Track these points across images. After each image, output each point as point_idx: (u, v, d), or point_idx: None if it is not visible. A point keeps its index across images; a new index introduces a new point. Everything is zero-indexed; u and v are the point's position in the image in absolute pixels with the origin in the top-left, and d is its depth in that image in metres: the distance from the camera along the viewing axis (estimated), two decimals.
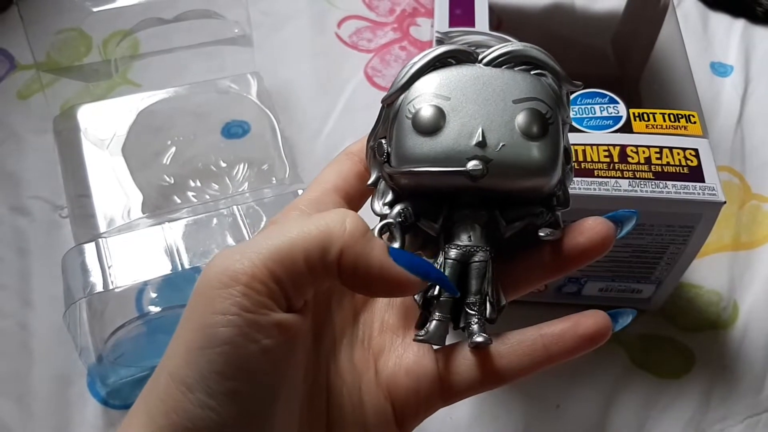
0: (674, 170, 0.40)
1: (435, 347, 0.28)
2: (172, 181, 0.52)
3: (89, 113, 0.54)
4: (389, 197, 0.28)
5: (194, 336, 0.22)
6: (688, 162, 0.40)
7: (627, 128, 0.41)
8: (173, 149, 0.54)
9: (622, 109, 0.42)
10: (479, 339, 0.26)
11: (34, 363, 0.46)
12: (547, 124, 0.26)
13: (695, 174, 0.39)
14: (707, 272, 0.51)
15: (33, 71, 0.61)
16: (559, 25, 0.64)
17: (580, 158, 0.40)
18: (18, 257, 0.50)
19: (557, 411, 0.45)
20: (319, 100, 0.60)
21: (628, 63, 0.58)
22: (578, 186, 0.39)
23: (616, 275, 0.45)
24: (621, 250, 0.43)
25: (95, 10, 0.51)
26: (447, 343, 0.28)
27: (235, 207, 0.43)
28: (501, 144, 0.26)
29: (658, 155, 0.40)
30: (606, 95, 0.43)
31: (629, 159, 0.40)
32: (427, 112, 0.26)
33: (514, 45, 0.27)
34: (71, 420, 0.44)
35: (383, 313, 0.30)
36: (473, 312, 0.27)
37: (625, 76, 0.57)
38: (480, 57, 0.27)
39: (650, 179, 0.39)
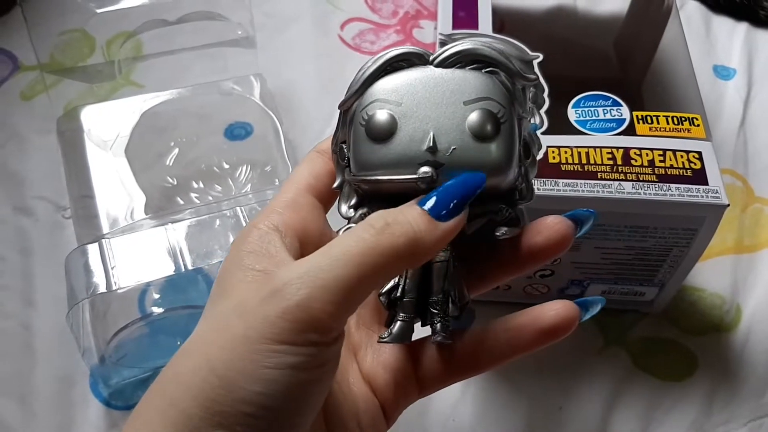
0: (678, 173, 0.40)
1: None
2: (175, 183, 0.52)
3: (93, 114, 0.54)
4: (354, 200, 0.28)
5: (259, 355, 0.22)
6: (692, 165, 0.40)
7: (630, 131, 0.41)
8: (176, 150, 0.54)
9: (625, 111, 0.42)
10: (438, 338, 0.27)
11: (36, 363, 0.46)
12: (499, 123, 0.26)
13: (699, 177, 0.39)
14: (710, 275, 0.51)
15: (36, 72, 0.61)
16: (562, 27, 0.64)
17: (584, 160, 0.40)
18: (21, 257, 0.51)
19: (559, 413, 0.45)
20: (322, 102, 0.60)
21: (630, 66, 0.58)
22: (581, 188, 0.39)
23: (619, 277, 0.45)
24: (624, 253, 0.43)
25: (99, 11, 0.51)
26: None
27: (238, 208, 0.43)
28: (452, 147, 0.26)
29: (661, 158, 0.40)
30: (609, 98, 0.43)
31: (633, 161, 0.40)
32: (379, 119, 0.26)
33: (465, 44, 0.27)
34: (73, 421, 0.44)
35: (360, 309, 0.30)
36: (436, 311, 0.28)
37: (628, 79, 0.57)
38: (431, 58, 0.27)
39: (654, 182, 0.39)
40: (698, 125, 0.42)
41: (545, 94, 0.30)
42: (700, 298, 0.50)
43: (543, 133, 0.31)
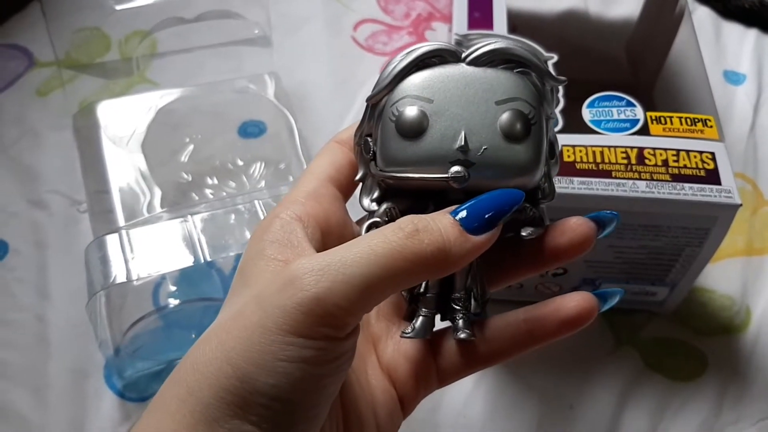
0: (691, 173, 0.40)
1: None
2: (190, 179, 0.53)
3: (109, 110, 0.54)
4: (376, 193, 0.28)
5: (273, 346, 0.22)
6: (705, 165, 0.40)
7: (644, 131, 0.42)
8: (191, 147, 0.54)
9: (639, 112, 0.43)
10: (462, 335, 0.28)
11: (51, 355, 0.46)
12: (530, 124, 0.26)
13: (712, 177, 0.40)
14: (720, 277, 0.51)
15: (52, 69, 0.61)
16: (574, 31, 0.65)
17: (598, 159, 0.40)
18: (36, 251, 0.51)
19: (570, 411, 0.45)
20: (335, 101, 0.61)
21: (642, 69, 0.58)
22: (596, 186, 0.39)
23: (631, 277, 0.45)
24: (637, 252, 0.43)
25: (118, 8, 0.52)
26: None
27: (255, 202, 0.43)
28: (483, 147, 0.26)
29: (675, 158, 0.41)
30: (623, 98, 0.43)
31: (647, 161, 0.40)
32: (410, 116, 0.26)
33: (498, 43, 0.27)
34: (88, 412, 0.44)
35: None
36: (458, 307, 0.28)
37: (639, 83, 0.57)
38: (463, 56, 0.27)
39: (667, 181, 0.39)
40: (711, 126, 0.42)
41: (560, 94, 0.31)
42: (710, 299, 0.50)
43: (558, 132, 0.31)
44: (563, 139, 0.41)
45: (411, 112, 0.26)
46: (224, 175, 0.53)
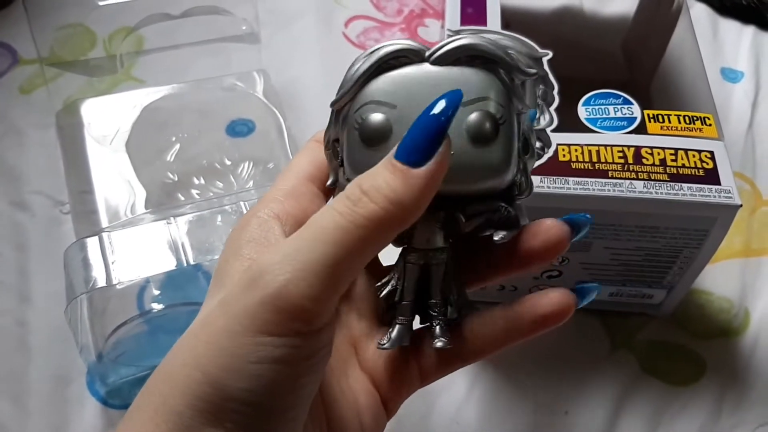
0: (689, 172, 0.39)
1: None
2: (176, 179, 0.51)
3: (93, 108, 0.53)
4: None
5: (243, 349, 0.21)
6: (704, 164, 0.39)
7: (641, 129, 0.41)
8: (177, 146, 0.53)
9: (636, 110, 0.42)
10: (438, 344, 0.27)
11: (32, 361, 0.45)
12: (498, 125, 0.25)
13: (711, 176, 0.39)
14: (718, 279, 0.50)
15: (35, 66, 0.60)
16: (569, 28, 0.64)
17: (594, 159, 0.39)
18: (17, 253, 0.50)
19: (566, 417, 0.44)
20: (325, 100, 0.58)
21: (639, 67, 0.57)
22: (592, 187, 0.38)
23: (628, 279, 0.44)
24: (634, 253, 0.42)
25: (101, 3, 0.51)
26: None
27: (241, 203, 0.42)
28: (450, 153, 0.24)
29: (673, 157, 0.39)
30: (620, 96, 0.42)
31: (644, 160, 0.39)
32: (373, 123, 0.25)
33: (462, 39, 0.25)
34: (70, 419, 0.43)
35: (359, 302, 0.30)
36: (435, 313, 0.27)
37: (636, 81, 0.57)
38: (427, 55, 0.26)
39: (665, 181, 0.38)
40: (710, 125, 0.41)
41: (555, 92, 0.30)
42: (708, 301, 0.49)
43: (553, 131, 0.30)
44: (558, 138, 0.40)
45: (374, 119, 0.25)
46: (211, 175, 0.52)
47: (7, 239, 0.50)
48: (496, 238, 0.27)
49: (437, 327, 0.27)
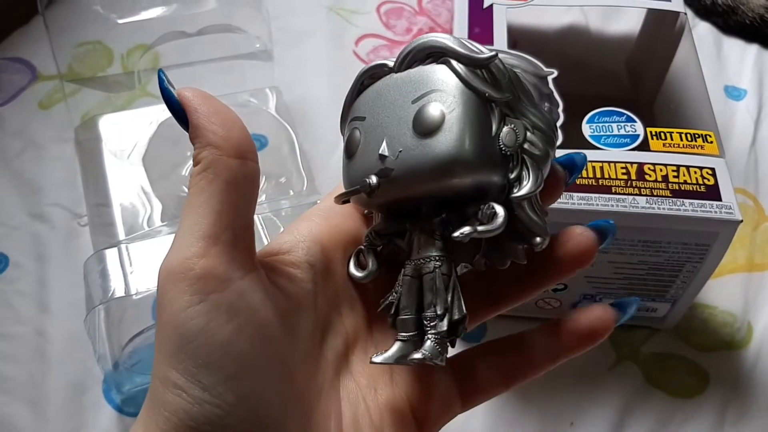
0: (691, 188, 0.40)
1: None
2: None
3: (110, 123, 0.55)
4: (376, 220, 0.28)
5: (170, 338, 0.22)
6: (705, 181, 0.40)
7: (644, 146, 0.42)
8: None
9: (639, 127, 0.43)
10: (416, 356, 0.24)
11: (49, 369, 0.46)
12: (443, 114, 0.24)
13: (712, 193, 0.40)
14: (721, 293, 0.51)
15: (54, 82, 0.62)
16: (574, 46, 0.65)
17: (598, 174, 0.40)
18: (36, 264, 0.51)
19: (571, 429, 0.45)
20: (336, 116, 0.60)
21: (642, 85, 0.58)
22: (596, 202, 0.39)
23: (632, 293, 0.45)
24: (637, 267, 0.43)
25: (120, 22, 0.52)
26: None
27: (255, 216, 0.43)
28: (399, 151, 0.25)
29: (675, 173, 0.40)
30: (623, 114, 0.44)
31: (647, 177, 0.40)
32: (349, 139, 0.27)
33: (416, 41, 0.26)
34: (85, 427, 0.44)
35: None
36: (427, 327, 0.25)
37: (640, 98, 0.58)
38: (393, 65, 0.26)
39: (668, 197, 0.39)
40: (711, 142, 0.42)
41: (560, 110, 0.30)
42: (711, 315, 0.50)
43: (558, 147, 0.31)
44: (562, 154, 0.41)
45: (350, 134, 0.27)
46: None
47: (27, 250, 0.52)
48: (455, 234, 0.24)
49: (427, 341, 0.25)
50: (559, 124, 0.30)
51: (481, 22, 0.49)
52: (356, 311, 0.29)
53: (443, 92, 0.25)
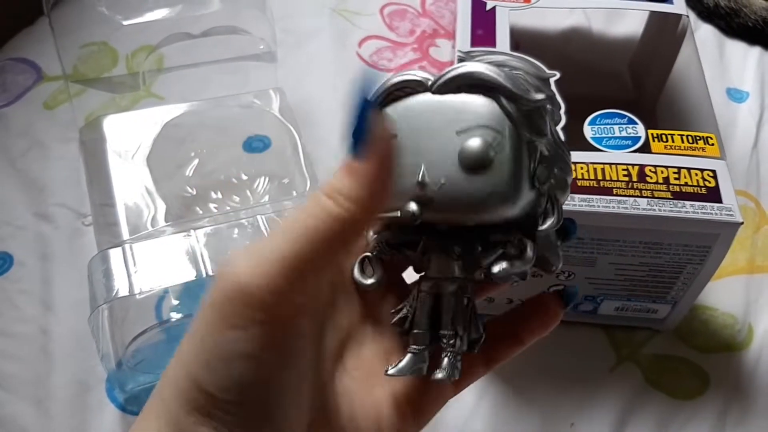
0: (692, 190, 0.40)
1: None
2: (194, 193, 0.53)
3: (115, 124, 0.55)
4: (377, 227, 0.29)
5: (214, 348, 0.22)
6: (706, 183, 0.40)
7: (645, 148, 0.42)
8: (196, 161, 0.55)
9: (640, 129, 0.43)
10: (438, 375, 0.26)
11: (54, 368, 0.46)
12: (493, 153, 0.25)
13: (713, 195, 0.40)
14: (722, 294, 0.51)
15: (59, 83, 0.62)
16: (577, 48, 0.65)
17: (599, 176, 0.41)
18: (41, 263, 0.51)
19: (571, 430, 0.45)
20: (339, 117, 0.61)
21: (645, 86, 0.58)
22: (597, 204, 0.40)
23: (633, 294, 0.45)
24: (638, 269, 0.43)
25: (125, 23, 0.53)
26: None
27: (258, 217, 0.44)
28: (441, 181, 0.25)
29: (676, 175, 0.41)
30: (625, 116, 0.44)
31: (648, 178, 0.41)
32: None
33: (465, 67, 0.25)
34: (89, 425, 0.44)
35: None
36: (444, 345, 0.27)
37: (642, 100, 0.58)
38: (430, 84, 0.26)
39: (668, 198, 0.40)
40: (712, 144, 0.42)
41: (562, 112, 0.31)
42: (712, 316, 0.50)
43: None
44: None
45: None
46: (228, 189, 0.53)
47: (31, 249, 0.52)
48: (494, 269, 0.26)
49: (445, 359, 0.26)
50: (561, 125, 0.30)
51: (483, 24, 0.49)
52: (351, 304, 0.30)
53: (491, 130, 0.25)
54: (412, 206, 0.25)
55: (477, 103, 0.25)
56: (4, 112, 0.60)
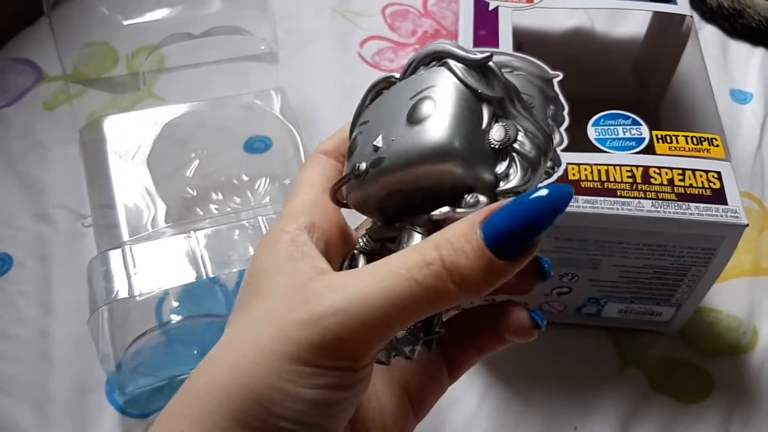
0: (697, 192, 0.40)
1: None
2: (195, 194, 0.53)
3: (115, 125, 0.55)
4: (373, 224, 0.29)
5: (295, 375, 0.22)
6: (711, 184, 0.40)
7: (650, 150, 0.42)
8: (196, 162, 0.54)
9: (644, 130, 0.43)
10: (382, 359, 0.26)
11: (53, 370, 0.46)
12: (432, 105, 0.25)
13: (718, 196, 0.40)
14: (727, 297, 0.51)
15: (59, 83, 0.62)
16: (580, 49, 0.65)
17: (603, 178, 0.40)
18: (40, 264, 0.51)
19: None
20: (341, 118, 0.60)
21: (648, 87, 0.58)
22: (601, 205, 0.39)
23: (636, 296, 0.45)
24: (642, 271, 0.43)
25: (126, 23, 0.52)
26: None
27: (259, 218, 0.43)
28: (391, 140, 0.25)
29: (681, 177, 0.40)
30: (629, 117, 0.43)
31: (652, 180, 0.40)
32: (351, 142, 0.28)
33: (422, 49, 0.27)
34: (89, 428, 0.44)
35: None
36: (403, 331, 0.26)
37: (646, 101, 0.58)
38: (399, 76, 0.27)
39: (673, 200, 0.39)
40: (717, 145, 0.42)
41: (565, 113, 0.30)
42: (716, 319, 0.50)
43: (563, 150, 0.31)
44: (568, 157, 0.41)
45: (352, 138, 0.28)
46: (229, 190, 0.53)
47: (31, 251, 0.52)
48: (434, 213, 0.25)
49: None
50: (564, 126, 0.30)
51: (486, 25, 0.49)
52: None
53: (439, 87, 0.25)
54: (362, 164, 0.26)
55: (431, 71, 0.26)
56: (4, 112, 0.60)
